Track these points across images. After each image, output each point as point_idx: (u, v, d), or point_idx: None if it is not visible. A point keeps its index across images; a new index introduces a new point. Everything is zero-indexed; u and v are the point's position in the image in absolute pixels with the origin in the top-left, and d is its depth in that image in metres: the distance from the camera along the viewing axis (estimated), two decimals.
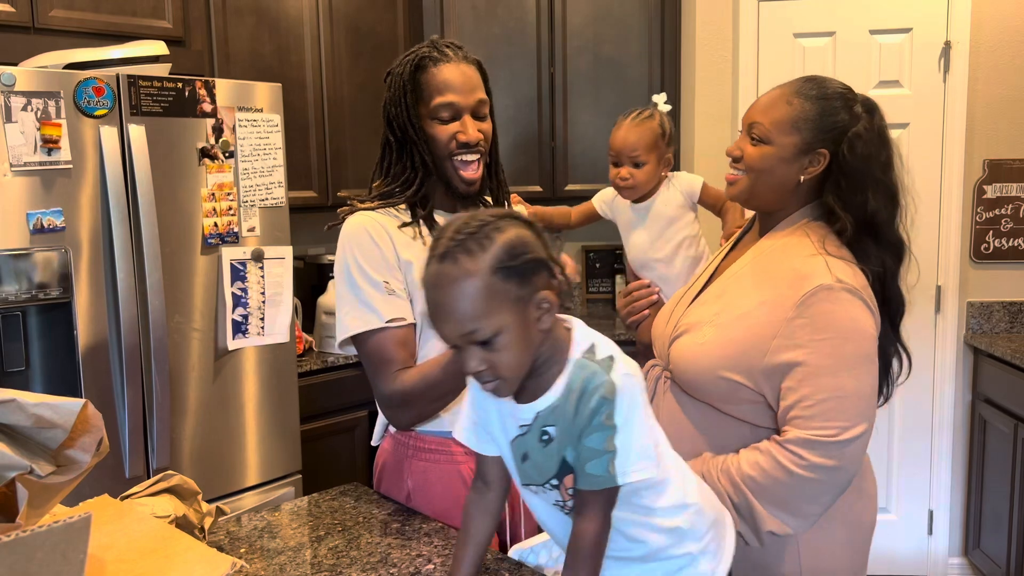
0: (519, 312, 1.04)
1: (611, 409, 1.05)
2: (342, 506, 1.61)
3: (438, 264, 1.03)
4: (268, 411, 2.61)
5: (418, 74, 1.53)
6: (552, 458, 1.11)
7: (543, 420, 1.10)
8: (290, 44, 3.09)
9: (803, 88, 1.45)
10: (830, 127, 1.42)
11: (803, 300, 1.35)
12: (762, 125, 1.42)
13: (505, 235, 1.03)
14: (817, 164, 1.43)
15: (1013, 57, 3.20)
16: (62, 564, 0.89)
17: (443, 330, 1.06)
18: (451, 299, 1.02)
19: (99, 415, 1.02)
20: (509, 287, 1.02)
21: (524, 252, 1.03)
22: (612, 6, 3.49)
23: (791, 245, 1.44)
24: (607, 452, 1.06)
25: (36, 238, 2.12)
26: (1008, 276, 3.30)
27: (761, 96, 1.48)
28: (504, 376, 1.06)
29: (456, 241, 1.03)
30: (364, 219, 1.55)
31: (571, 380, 1.08)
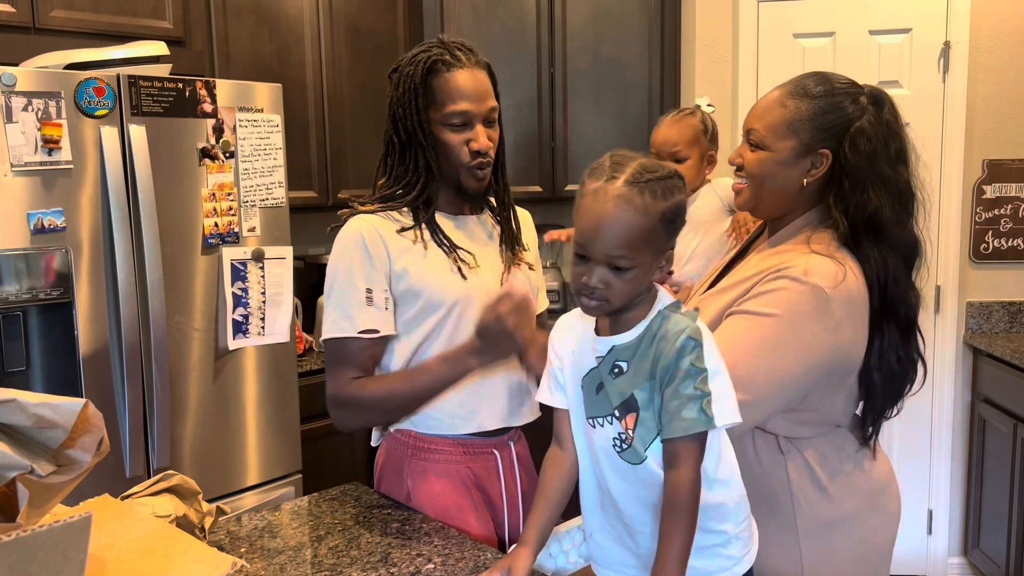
0: (654, 258, 1.13)
1: (699, 351, 1.09)
2: (342, 506, 1.61)
3: (626, 186, 1.09)
4: (268, 411, 2.61)
5: (430, 78, 1.51)
6: (618, 392, 1.14)
7: (616, 355, 1.15)
8: (290, 44, 3.09)
9: (800, 87, 1.40)
10: (829, 125, 1.37)
11: (762, 279, 1.35)
12: (758, 131, 1.39)
13: (679, 195, 1.13)
14: (820, 165, 1.38)
15: (1013, 57, 3.20)
16: (63, 564, 0.90)
17: (593, 241, 1.11)
18: (620, 224, 1.09)
19: (99, 415, 1.02)
20: (662, 237, 1.12)
21: (680, 216, 1.13)
22: (612, 6, 3.49)
23: (790, 247, 1.40)
24: (703, 394, 1.08)
25: (37, 238, 2.12)
26: (1007, 276, 3.30)
27: (760, 99, 1.45)
28: (612, 300, 1.12)
29: (646, 178, 1.10)
30: (362, 224, 1.54)
31: (651, 325, 1.13)
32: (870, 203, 1.34)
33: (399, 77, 1.55)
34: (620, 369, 1.15)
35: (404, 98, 1.53)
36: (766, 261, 1.40)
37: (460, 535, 1.46)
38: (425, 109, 1.52)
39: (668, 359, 1.10)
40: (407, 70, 1.53)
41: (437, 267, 1.54)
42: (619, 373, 1.15)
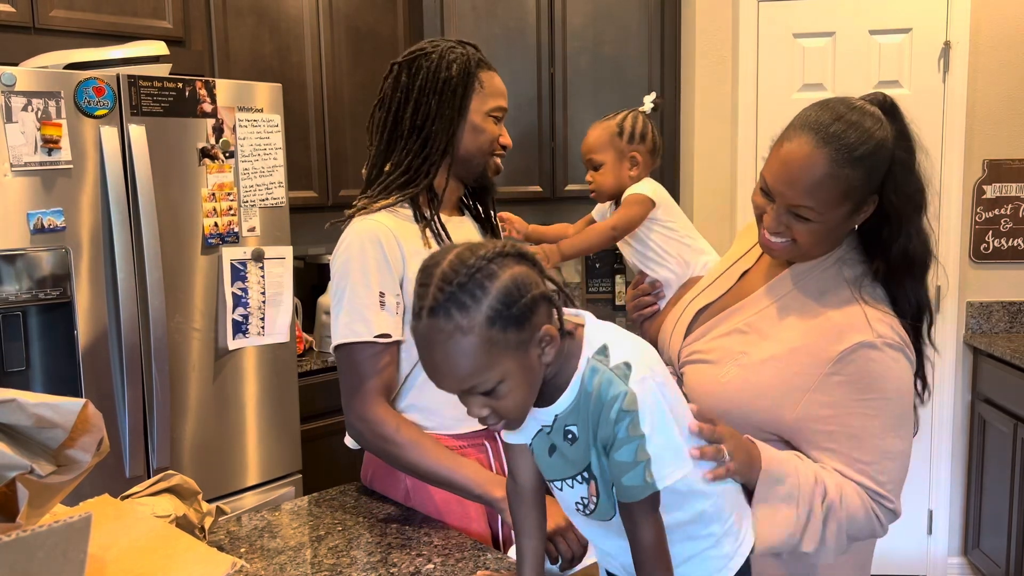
0: (521, 356, 0.99)
1: (634, 419, 1.02)
2: (342, 506, 1.61)
3: (429, 319, 0.96)
4: (268, 411, 2.61)
5: (479, 71, 1.59)
6: (580, 455, 1.09)
7: (563, 421, 1.09)
8: (290, 44, 3.09)
9: (842, 147, 1.23)
10: (875, 177, 1.27)
11: (841, 356, 1.27)
12: (810, 208, 1.25)
13: (500, 281, 0.97)
14: (867, 212, 1.31)
15: (1013, 57, 3.20)
16: (63, 564, 0.90)
17: (441, 384, 1.01)
18: (447, 357, 0.97)
19: (99, 415, 1.02)
20: (508, 336, 0.97)
21: (521, 295, 0.97)
22: (612, 6, 3.49)
23: (826, 286, 1.34)
24: (641, 462, 1.03)
25: (36, 238, 2.12)
26: (1008, 276, 3.30)
27: (786, 160, 1.26)
28: (510, 418, 1.04)
29: (446, 293, 0.95)
30: (375, 225, 1.53)
31: (584, 382, 1.05)
32: (910, 241, 1.30)
33: (440, 66, 1.56)
34: (574, 434, 1.08)
35: (444, 86, 1.56)
36: (817, 320, 1.32)
37: (460, 535, 1.46)
38: (468, 96, 1.58)
39: (607, 427, 1.03)
40: (450, 59, 1.56)
41: None
42: (574, 439, 1.08)
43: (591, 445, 1.07)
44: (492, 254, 0.98)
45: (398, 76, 1.60)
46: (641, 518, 1.07)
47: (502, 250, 1.00)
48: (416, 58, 1.59)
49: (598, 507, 1.12)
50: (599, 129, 1.92)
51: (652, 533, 1.07)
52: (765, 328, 1.37)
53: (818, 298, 1.34)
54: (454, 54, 1.58)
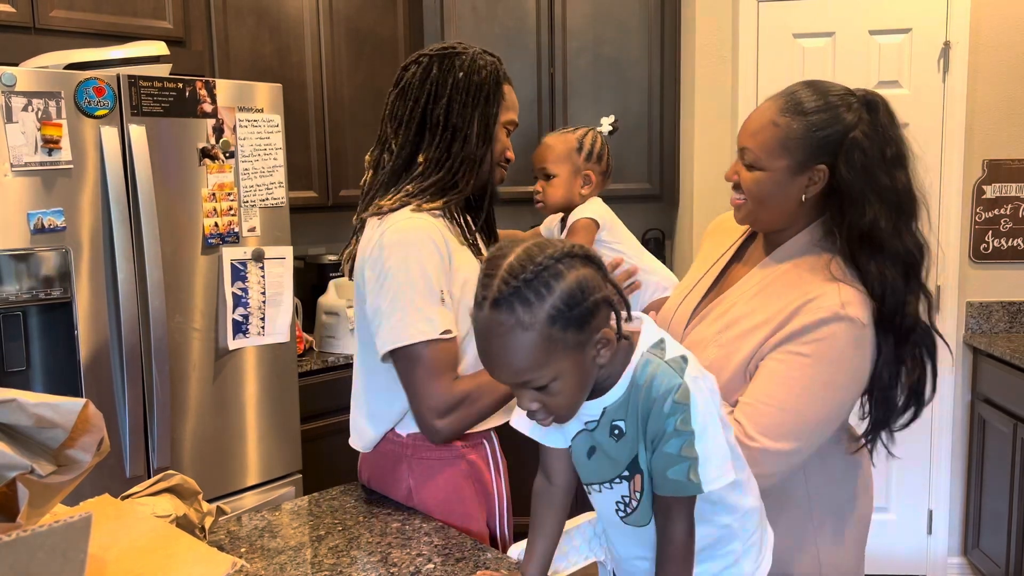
0: (577, 356, 1.01)
1: (686, 414, 1.02)
2: (342, 506, 1.61)
3: (492, 311, 0.98)
4: (268, 411, 2.61)
5: (504, 82, 1.62)
6: (626, 453, 1.09)
7: (611, 415, 1.09)
8: (290, 44, 3.09)
9: (793, 102, 1.35)
10: (823, 142, 1.33)
11: (805, 325, 1.31)
12: (752, 151, 1.36)
13: (565, 281, 0.98)
14: (817, 180, 1.35)
15: (1013, 57, 3.20)
16: (63, 564, 0.90)
17: (497, 375, 1.03)
18: (505, 349, 0.99)
19: (100, 415, 1.02)
20: (567, 336, 0.99)
21: (584, 298, 0.99)
22: (612, 6, 3.49)
23: (802, 272, 1.38)
24: (688, 459, 1.03)
25: (37, 238, 2.12)
26: (1007, 276, 3.30)
27: (752, 113, 1.40)
28: (560, 414, 1.05)
29: (512, 287, 0.97)
30: (426, 224, 1.51)
31: (636, 375, 1.06)
32: (864, 217, 1.32)
33: (472, 68, 1.57)
34: (621, 430, 1.08)
35: (476, 90, 1.56)
36: (788, 293, 1.37)
37: (460, 535, 1.46)
38: (497, 104, 1.60)
39: (657, 420, 1.04)
40: (480, 62, 1.58)
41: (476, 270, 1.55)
42: (621, 434, 1.08)
43: (639, 439, 1.07)
44: (560, 254, 0.99)
45: (428, 68, 1.57)
46: (677, 514, 1.07)
47: (570, 251, 1.01)
48: (449, 55, 1.58)
49: (639, 507, 1.11)
50: (558, 141, 1.89)
51: (684, 530, 1.08)
52: (743, 308, 1.41)
53: (795, 283, 1.37)
54: (484, 60, 1.59)
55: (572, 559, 1.43)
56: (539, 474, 1.25)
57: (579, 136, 1.88)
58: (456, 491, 1.57)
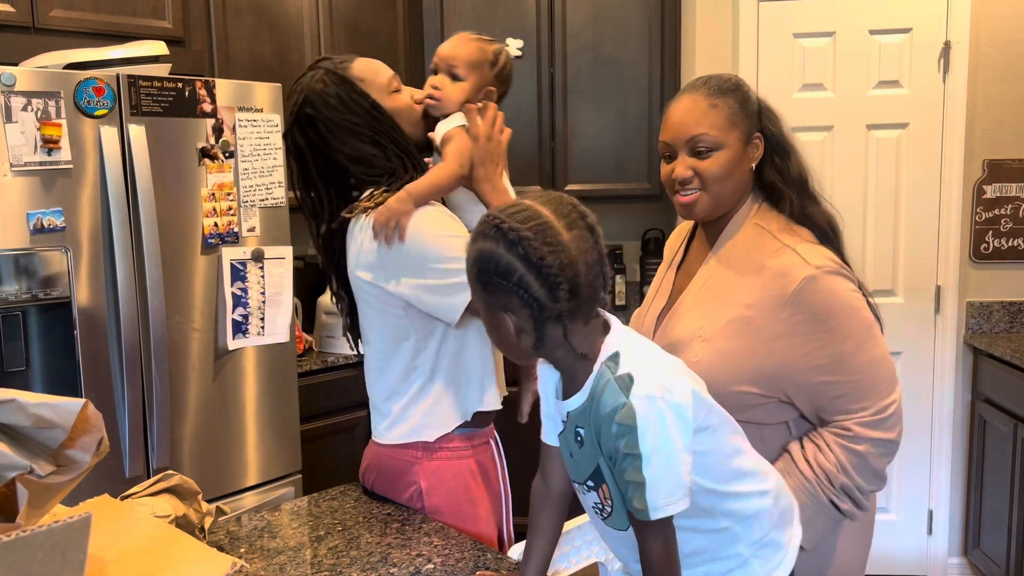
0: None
1: (632, 437, 1.00)
2: (342, 506, 1.61)
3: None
4: (268, 411, 2.61)
5: (345, 71, 1.60)
6: (587, 460, 1.09)
7: (574, 420, 1.09)
8: (290, 44, 3.09)
9: (714, 87, 1.46)
10: (751, 111, 1.45)
11: (794, 297, 1.35)
12: (707, 134, 1.41)
13: (486, 242, 1.05)
14: (757, 148, 1.46)
15: (1013, 57, 3.20)
16: (62, 564, 0.89)
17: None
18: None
19: (99, 415, 1.02)
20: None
21: (493, 268, 1.04)
22: (612, 6, 3.49)
23: (752, 243, 1.44)
24: (634, 484, 1.01)
25: (36, 238, 2.12)
26: (1008, 276, 3.30)
27: (673, 115, 1.46)
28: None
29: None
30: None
31: (592, 386, 1.05)
32: (800, 165, 1.49)
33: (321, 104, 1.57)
34: (580, 437, 1.08)
35: (336, 117, 1.56)
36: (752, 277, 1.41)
37: (460, 535, 1.46)
38: (365, 96, 1.58)
39: (608, 439, 1.03)
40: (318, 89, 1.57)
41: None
42: (581, 442, 1.09)
43: (598, 452, 1.06)
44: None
45: (296, 139, 1.60)
46: (650, 533, 1.05)
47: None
48: (298, 115, 1.58)
49: (613, 513, 1.11)
50: (476, 47, 1.68)
51: (658, 547, 1.05)
52: (713, 301, 1.43)
53: (750, 256, 1.43)
54: (316, 81, 1.57)
55: (572, 559, 1.43)
56: (538, 475, 1.25)
57: (495, 50, 1.72)
58: (467, 492, 1.57)
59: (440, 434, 1.57)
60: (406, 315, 1.55)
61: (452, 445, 1.57)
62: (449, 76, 1.64)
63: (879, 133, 3.25)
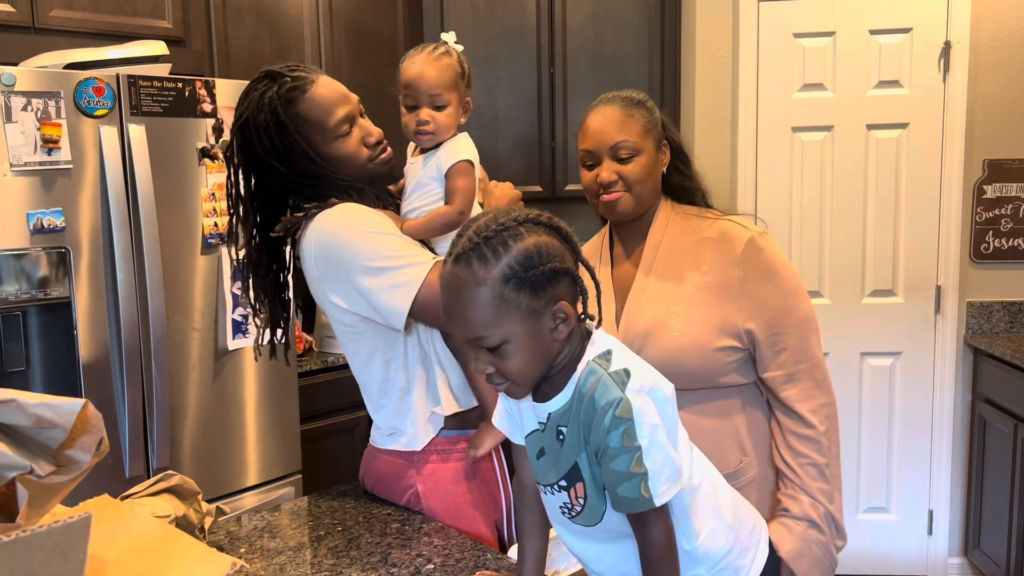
0: (530, 323, 1.02)
1: (630, 429, 1.01)
2: (342, 506, 1.61)
3: (453, 265, 1.03)
4: (268, 411, 2.61)
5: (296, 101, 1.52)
6: (566, 459, 1.09)
7: (556, 420, 1.09)
8: (290, 44, 3.09)
9: (627, 100, 1.58)
10: (657, 121, 1.58)
11: (743, 257, 1.50)
12: (629, 141, 1.53)
13: (523, 243, 1.01)
14: (665, 153, 1.60)
15: (1013, 57, 3.20)
16: (62, 564, 0.89)
17: (452, 330, 1.07)
18: (460, 304, 1.02)
19: (99, 415, 1.02)
20: (520, 298, 1.01)
21: (541, 262, 1.01)
22: (612, 6, 3.49)
23: (683, 227, 1.58)
24: (638, 474, 1.02)
25: (36, 238, 2.12)
26: (1008, 276, 3.30)
27: (593, 124, 1.57)
28: (513, 381, 1.06)
29: (473, 244, 1.01)
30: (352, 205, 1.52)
31: (580, 383, 1.06)
32: (694, 168, 1.67)
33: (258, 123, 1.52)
34: (563, 436, 1.09)
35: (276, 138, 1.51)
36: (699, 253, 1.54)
37: (460, 535, 1.46)
38: (299, 145, 1.51)
39: (599, 433, 1.03)
40: (260, 114, 1.51)
41: None
42: (563, 441, 1.09)
43: (581, 449, 1.06)
44: (524, 218, 1.04)
45: (235, 151, 1.57)
46: (652, 522, 1.06)
47: (536, 217, 1.05)
48: (240, 122, 1.55)
49: (584, 511, 1.11)
50: (443, 65, 1.59)
51: (660, 535, 1.07)
52: (667, 285, 1.54)
53: (687, 236, 1.57)
54: (258, 109, 1.51)
55: (572, 559, 1.43)
56: (514, 477, 1.26)
57: (457, 59, 1.63)
58: (464, 494, 1.56)
59: (425, 443, 1.56)
60: (366, 330, 1.54)
61: (447, 448, 1.57)
62: (434, 107, 1.58)
63: (879, 133, 3.25)
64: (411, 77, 1.56)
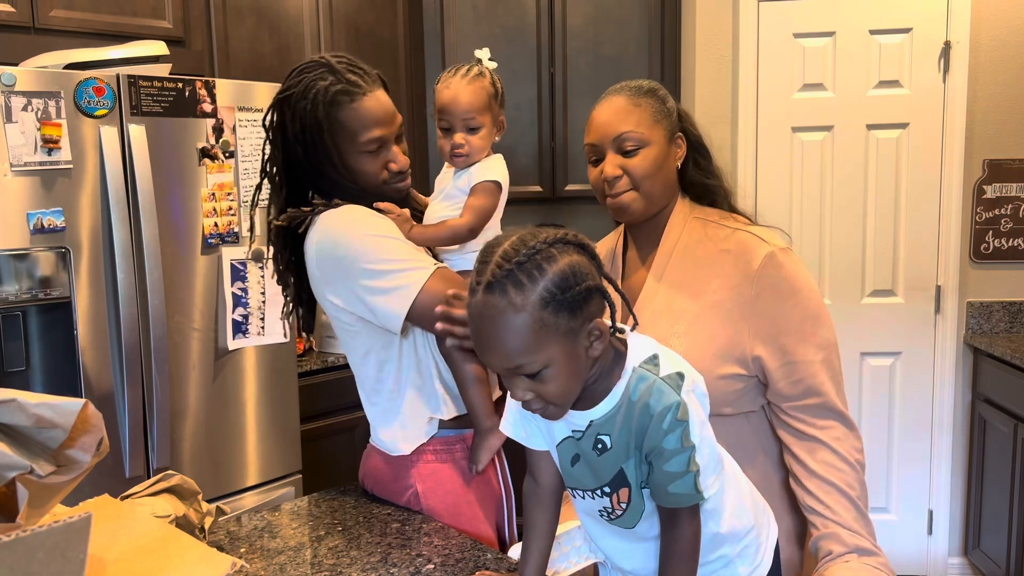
0: (569, 344, 1.00)
1: (686, 429, 1.03)
2: (342, 506, 1.61)
3: (484, 294, 0.98)
4: (268, 411, 2.61)
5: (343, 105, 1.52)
6: (608, 468, 1.08)
7: (597, 428, 1.08)
8: (290, 44, 3.09)
9: (635, 89, 1.47)
10: (671, 111, 1.47)
11: (759, 274, 1.39)
12: (634, 131, 1.42)
13: (557, 265, 0.98)
14: (680, 146, 1.48)
15: (1013, 57, 3.20)
16: (62, 564, 0.89)
17: (489, 360, 1.02)
18: (498, 332, 0.98)
19: (99, 415, 1.02)
20: (559, 321, 0.98)
21: (577, 282, 0.99)
22: (612, 6, 3.49)
23: (699, 235, 1.47)
24: (691, 472, 1.04)
25: (36, 238, 2.12)
26: (1008, 276, 3.30)
27: (598, 116, 1.46)
28: (554, 404, 1.04)
29: (504, 271, 0.97)
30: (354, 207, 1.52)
31: (630, 391, 1.05)
32: (715, 164, 1.53)
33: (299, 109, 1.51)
34: (604, 444, 1.07)
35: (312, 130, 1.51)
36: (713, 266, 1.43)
37: (460, 535, 1.46)
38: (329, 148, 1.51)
39: (655, 437, 1.03)
40: (305, 103, 1.50)
41: None
42: (604, 449, 1.07)
43: (630, 455, 1.06)
44: (553, 239, 1.00)
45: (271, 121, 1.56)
46: (685, 518, 1.08)
47: (563, 237, 1.02)
48: (279, 102, 1.54)
49: (625, 514, 1.11)
50: (476, 87, 1.61)
51: (690, 531, 1.09)
52: (677, 298, 1.44)
53: (703, 246, 1.46)
54: (313, 92, 1.50)
55: (572, 559, 1.43)
56: (527, 476, 1.25)
57: (491, 80, 1.65)
58: (464, 494, 1.57)
59: (414, 446, 1.56)
60: (363, 330, 1.54)
61: (445, 448, 1.57)
62: (467, 130, 1.60)
63: (879, 133, 3.25)
64: (445, 102, 1.59)
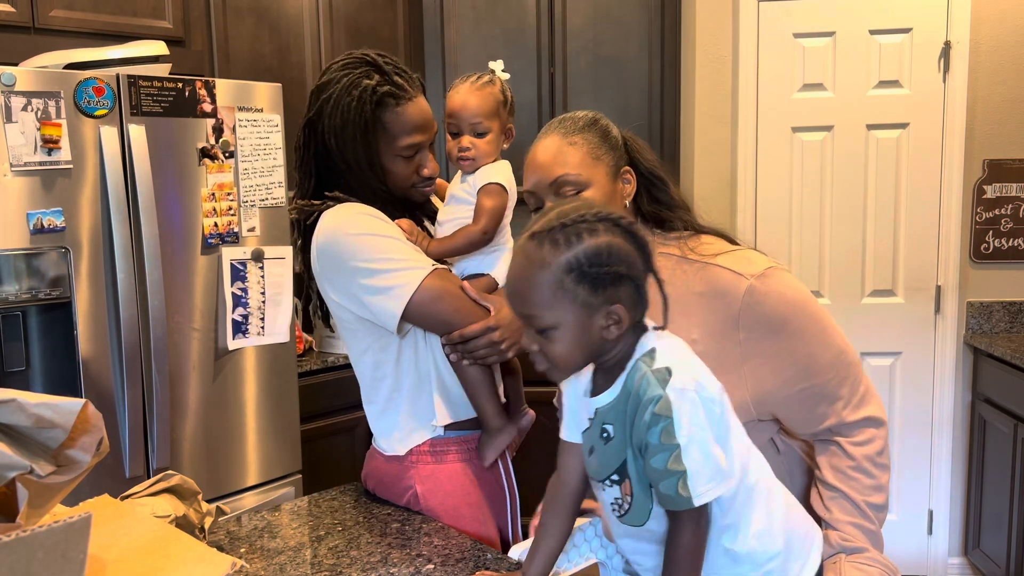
0: (583, 316, 1.04)
1: (669, 427, 1.02)
2: (342, 506, 1.61)
3: (528, 239, 1.06)
4: (268, 411, 2.61)
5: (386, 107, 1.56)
6: (612, 457, 1.10)
7: (602, 417, 1.10)
8: (290, 44, 3.09)
9: (570, 124, 1.41)
10: (616, 144, 1.40)
11: (742, 314, 1.32)
12: (571, 174, 1.35)
13: (595, 240, 1.02)
14: (629, 182, 1.41)
15: (1013, 57, 3.20)
16: (62, 564, 0.89)
17: (510, 300, 1.10)
18: (523, 277, 1.05)
19: (99, 415, 1.02)
20: (579, 291, 1.03)
21: (609, 263, 1.02)
22: (612, 6, 3.49)
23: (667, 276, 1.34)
24: (675, 472, 1.03)
25: (36, 238, 2.12)
26: (1008, 276, 3.30)
27: (532, 160, 1.40)
28: (555, 365, 1.08)
29: (551, 226, 1.04)
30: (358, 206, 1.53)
31: (627, 382, 1.07)
32: (674, 192, 1.43)
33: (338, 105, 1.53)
34: (608, 434, 1.09)
35: (350, 126, 1.53)
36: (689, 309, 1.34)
37: (460, 535, 1.46)
38: (376, 137, 1.54)
39: (640, 429, 1.04)
40: (348, 99, 1.52)
41: None
42: (608, 439, 1.10)
43: (627, 445, 1.07)
44: (605, 216, 1.05)
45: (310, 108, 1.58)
46: (684, 522, 1.07)
47: (617, 219, 1.05)
48: (318, 89, 1.56)
49: (631, 510, 1.11)
50: (486, 93, 1.66)
51: (690, 537, 1.07)
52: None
53: (673, 290, 1.33)
54: (356, 90, 1.52)
55: (572, 559, 1.43)
56: (555, 473, 1.25)
57: (500, 88, 1.71)
58: (464, 495, 1.56)
59: (408, 448, 1.57)
60: (361, 329, 1.55)
61: (444, 449, 1.57)
62: (475, 135, 1.64)
63: (879, 133, 3.25)
64: (454, 106, 1.63)
